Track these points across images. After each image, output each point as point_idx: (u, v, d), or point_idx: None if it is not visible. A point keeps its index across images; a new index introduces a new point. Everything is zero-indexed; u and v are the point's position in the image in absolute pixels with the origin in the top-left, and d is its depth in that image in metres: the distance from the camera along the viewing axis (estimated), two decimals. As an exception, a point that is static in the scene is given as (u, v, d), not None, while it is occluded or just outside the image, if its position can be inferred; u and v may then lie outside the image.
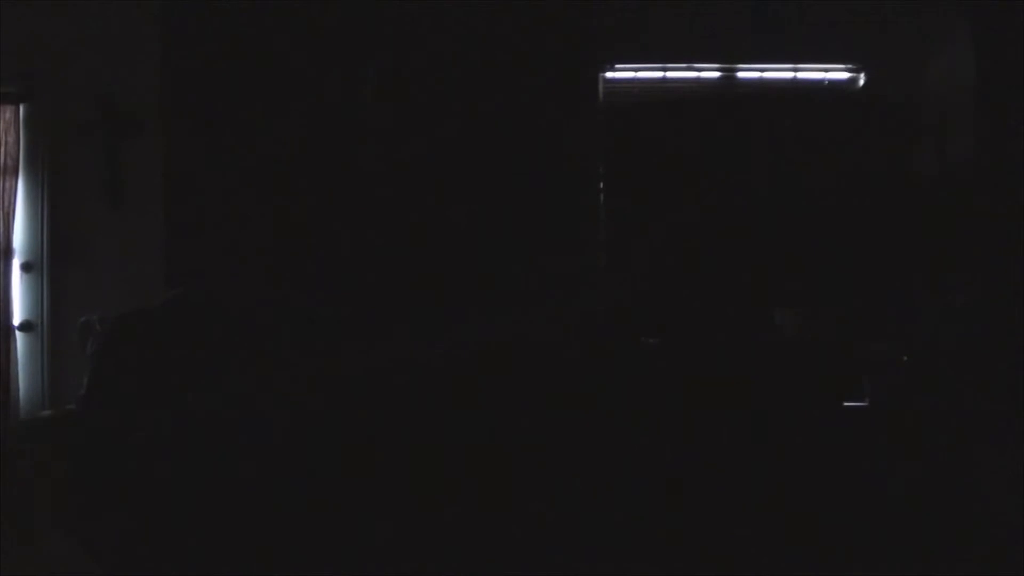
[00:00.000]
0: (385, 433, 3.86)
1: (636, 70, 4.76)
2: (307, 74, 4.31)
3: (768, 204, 4.67)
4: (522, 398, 3.90)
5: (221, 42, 4.30)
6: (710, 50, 4.70)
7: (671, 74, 4.77)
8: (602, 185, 4.63)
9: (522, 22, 4.45)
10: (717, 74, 4.77)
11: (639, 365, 4.04)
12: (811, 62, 4.76)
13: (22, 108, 4.47)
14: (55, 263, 4.47)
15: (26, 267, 4.47)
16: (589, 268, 4.52)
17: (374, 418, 3.85)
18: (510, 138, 4.41)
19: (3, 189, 4.44)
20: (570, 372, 3.98)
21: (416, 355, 4.18)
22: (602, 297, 4.40)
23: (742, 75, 4.77)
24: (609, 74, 4.69)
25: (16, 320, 4.45)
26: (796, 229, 4.67)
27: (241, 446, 2.82)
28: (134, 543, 2.70)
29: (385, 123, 4.38)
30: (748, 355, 4.06)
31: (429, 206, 4.33)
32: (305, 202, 4.31)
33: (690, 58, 4.73)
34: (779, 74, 4.78)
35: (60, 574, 3.16)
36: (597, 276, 4.52)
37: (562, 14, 4.48)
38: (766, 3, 4.61)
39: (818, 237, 4.65)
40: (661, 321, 4.41)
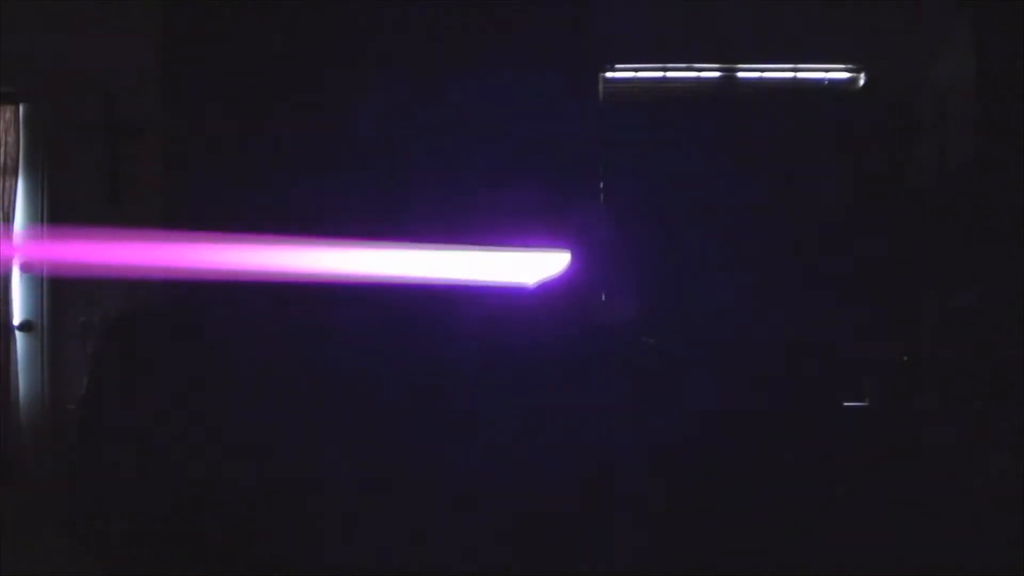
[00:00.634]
0: (384, 434, 3.86)
1: (636, 70, 4.76)
2: (307, 74, 4.31)
3: (768, 204, 4.67)
4: (522, 398, 3.89)
5: (221, 42, 4.30)
6: (710, 50, 4.70)
7: (671, 74, 4.77)
8: (601, 185, 4.63)
9: (522, 22, 4.45)
10: (717, 74, 4.77)
11: (639, 364, 4.04)
12: (811, 62, 4.76)
13: (22, 108, 4.47)
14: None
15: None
16: (589, 268, 4.51)
17: (373, 418, 3.85)
18: (509, 138, 4.41)
19: (3, 189, 4.44)
20: (570, 371, 3.97)
21: (416, 355, 4.18)
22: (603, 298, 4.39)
23: (742, 75, 4.77)
24: (609, 74, 4.69)
25: (16, 320, 4.45)
26: (796, 228, 4.67)
27: (240, 446, 2.82)
28: (135, 544, 2.70)
29: (383, 123, 4.38)
30: (748, 354, 4.06)
31: (428, 206, 4.33)
32: (305, 202, 4.30)
33: (690, 58, 4.73)
34: (779, 74, 4.78)
35: (60, 574, 3.16)
36: (597, 276, 4.51)
37: (562, 14, 4.48)
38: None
39: (818, 237, 4.65)
40: (661, 321, 4.41)
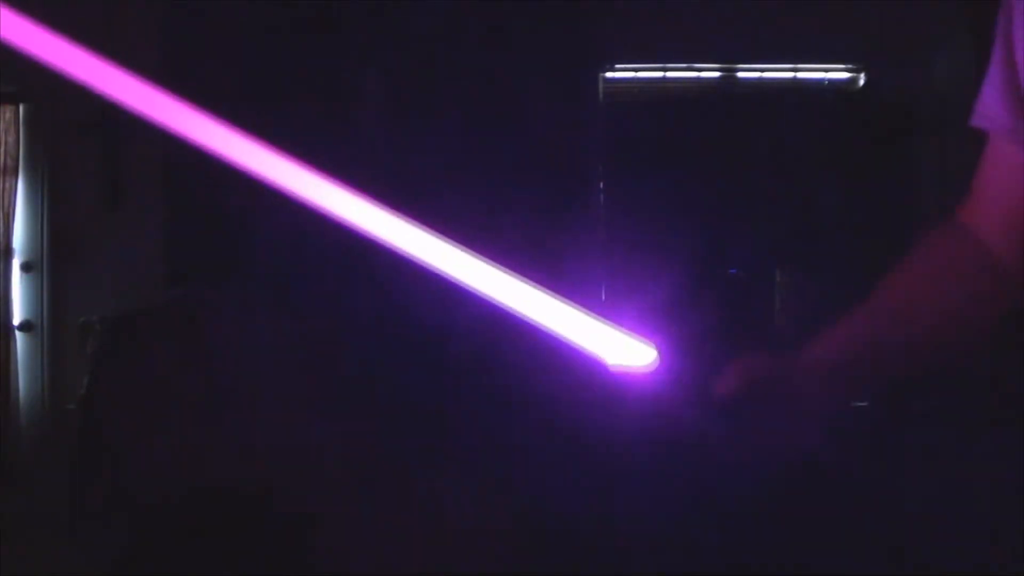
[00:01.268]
0: (382, 434, 3.86)
1: (636, 70, 4.77)
2: (308, 74, 4.31)
3: (768, 204, 4.67)
4: (521, 398, 3.89)
5: (221, 42, 4.30)
6: (710, 50, 4.70)
7: (671, 74, 4.78)
8: (602, 185, 4.64)
9: (522, 22, 4.45)
10: (717, 74, 4.77)
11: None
12: (811, 62, 4.76)
13: (22, 108, 4.47)
14: (55, 263, 4.47)
15: (26, 267, 4.47)
16: (589, 268, 4.51)
17: (372, 419, 3.85)
18: (509, 138, 4.41)
19: (3, 189, 4.44)
20: (570, 371, 3.97)
21: (415, 355, 4.18)
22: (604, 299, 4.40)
23: (742, 75, 4.77)
24: (609, 74, 4.70)
25: (16, 320, 4.45)
26: (796, 228, 4.67)
27: (240, 446, 2.82)
28: (135, 543, 2.70)
29: (384, 123, 4.38)
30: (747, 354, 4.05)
31: (428, 207, 4.33)
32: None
33: (690, 58, 4.73)
34: (779, 74, 4.79)
35: (60, 574, 3.17)
36: (597, 277, 4.52)
37: (562, 14, 4.48)
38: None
39: (817, 237, 4.65)
40: (661, 320, 4.40)
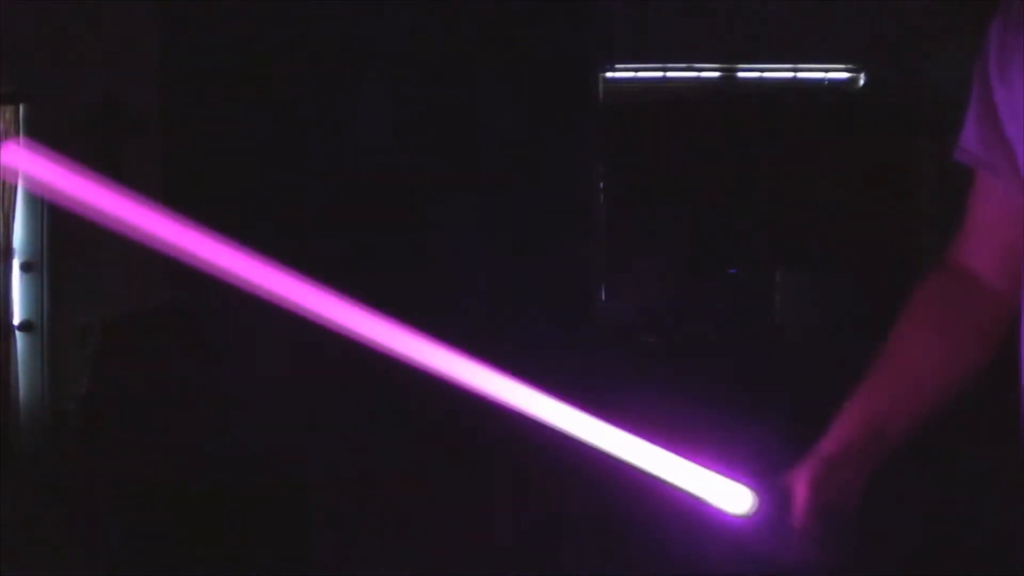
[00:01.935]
0: (381, 435, 3.86)
1: (636, 70, 4.76)
2: (306, 74, 4.31)
3: (768, 204, 4.67)
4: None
5: (220, 42, 4.30)
6: (710, 50, 4.70)
7: (671, 74, 4.78)
8: (602, 185, 4.64)
9: (522, 22, 4.45)
10: (717, 74, 4.77)
11: (639, 364, 4.04)
12: (811, 62, 4.76)
13: (22, 108, 4.47)
14: (55, 263, 4.46)
15: (26, 267, 4.47)
16: (590, 268, 4.52)
17: (371, 420, 3.85)
18: (510, 138, 4.41)
19: (3, 189, 4.44)
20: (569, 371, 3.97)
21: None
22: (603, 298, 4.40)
23: (742, 75, 4.77)
24: (609, 74, 4.70)
25: (16, 320, 4.45)
26: (796, 229, 4.68)
27: (240, 446, 2.82)
28: (134, 543, 2.71)
29: (384, 123, 4.38)
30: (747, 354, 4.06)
31: (428, 207, 4.33)
32: (304, 202, 4.31)
33: (690, 58, 4.73)
34: (779, 74, 4.78)
35: (60, 574, 3.16)
36: (598, 276, 4.52)
37: (562, 14, 4.48)
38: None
39: (817, 237, 4.65)
40: (661, 320, 4.41)
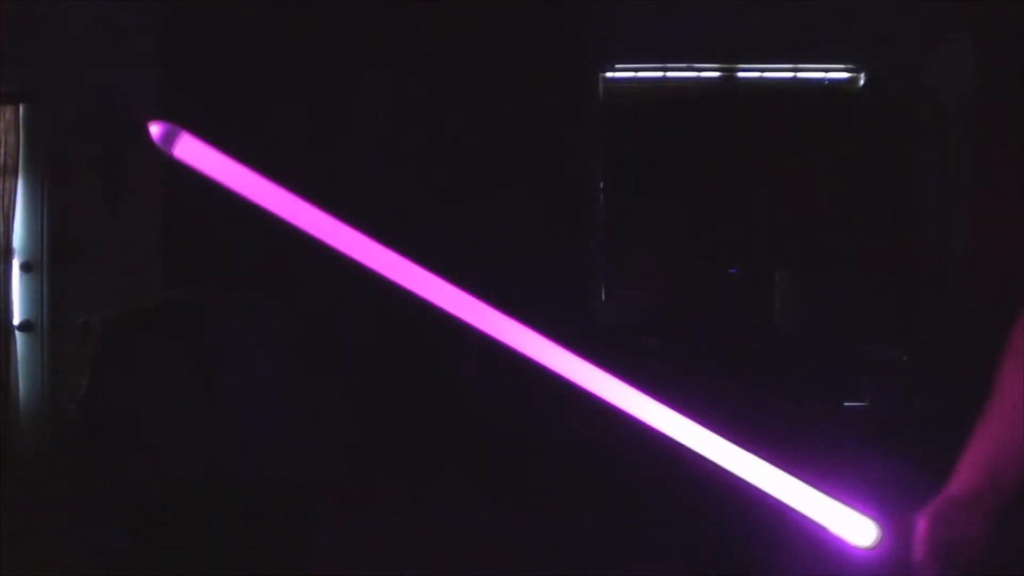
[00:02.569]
0: (383, 434, 3.86)
1: (636, 70, 4.76)
2: (306, 76, 4.31)
3: (768, 204, 4.67)
4: (522, 398, 3.89)
5: (221, 43, 4.30)
6: (710, 50, 4.70)
7: (671, 74, 4.77)
8: (602, 185, 4.64)
9: (522, 22, 4.45)
10: (717, 74, 4.77)
11: (639, 364, 4.04)
12: (811, 62, 4.76)
13: (22, 108, 4.46)
14: (55, 263, 4.46)
15: (26, 267, 4.47)
16: (590, 268, 4.52)
17: (372, 420, 3.85)
18: (510, 138, 4.41)
19: (3, 189, 4.43)
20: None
21: (415, 356, 4.18)
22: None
23: (742, 75, 4.77)
24: (609, 74, 4.69)
25: (16, 320, 4.45)
26: (796, 228, 4.67)
27: (242, 447, 2.82)
28: (134, 543, 2.70)
29: (385, 123, 4.38)
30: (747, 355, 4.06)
31: (429, 207, 4.33)
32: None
33: (690, 58, 4.73)
34: (779, 74, 4.78)
35: (60, 574, 3.16)
36: (598, 276, 4.52)
37: (562, 14, 4.48)
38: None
39: (818, 236, 4.65)
40: (661, 321, 4.40)
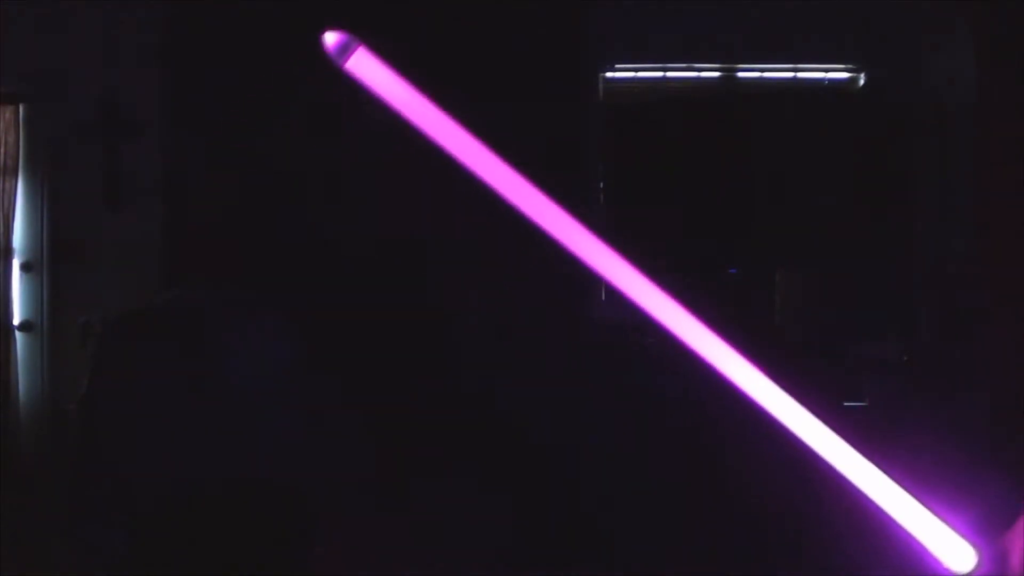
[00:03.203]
0: (385, 433, 3.86)
1: (636, 70, 4.76)
2: (306, 76, 4.30)
3: (768, 204, 4.67)
4: (522, 397, 3.89)
5: (221, 43, 4.30)
6: (710, 50, 4.70)
7: (671, 74, 4.77)
8: (602, 185, 4.63)
9: (522, 22, 4.45)
10: (717, 74, 4.77)
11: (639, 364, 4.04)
12: (811, 62, 4.76)
13: (22, 108, 4.47)
14: (55, 263, 4.46)
15: (26, 267, 4.47)
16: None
17: (373, 420, 3.84)
18: (510, 138, 4.40)
19: (3, 189, 4.44)
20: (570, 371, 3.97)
21: (416, 356, 4.18)
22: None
23: (742, 75, 4.77)
24: (609, 74, 4.69)
25: (16, 320, 4.45)
26: (796, 228, 4.67)
27: (242, 447, 2.82)
28: (134, 543, 2.70)
29: (384, 123, 4.37)
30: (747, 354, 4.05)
31: (428, 207, 4.33)
32: (304, 203, 4.31)
33: (690, 58, 4.73)
34: (779, 74, 4.78)
35: (60, 575, 3.16)
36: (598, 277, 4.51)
37: (562, 14, 4.48)
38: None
39: (818, 236, 4.65)
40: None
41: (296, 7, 4.33)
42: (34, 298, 4.49)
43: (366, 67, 0.95)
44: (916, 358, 4.45)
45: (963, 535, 1.03)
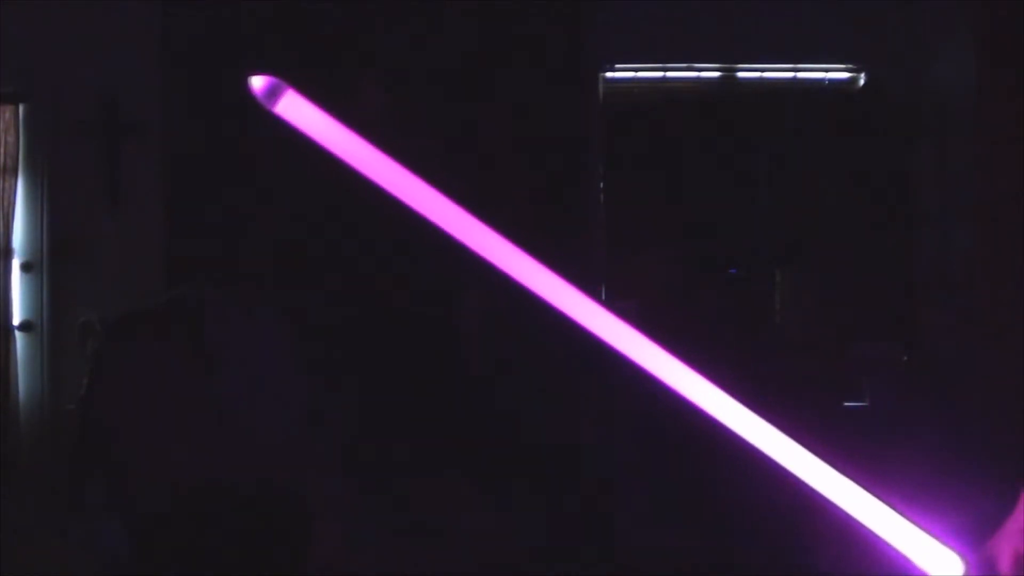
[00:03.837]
0: (386, 433, 3.86)
1: (636, 70, 4.76)
2: (306, 75, 4.31)
3: (768, 204, 4.67)
4: (523, 395, 3.89)
5: (221, 43, 4.30)
6: (710, 50, 4.70)
7: (671, 74, 4.77)
8: (602, 185, 4.63)
9: (522, 22, 4.45)
10: (717, 74, 4.77)
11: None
12: (811, 62, 4.76)
13: (22, 108, 4.46)
14: (55, 263, 4.46)
15: (26, 267, 4.47)
16: (590, 268, 4.51)
17: (374, 419, 3.85)
18: (509, 138, 4.41)
19: (3, 189, 4.43)
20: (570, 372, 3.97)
21: (417, 356, 4.18)
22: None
23: (742, 75, 4.76)
24: (609, 74, 4.69)
25: (16, 320, 4.45)
26: (796, 228, 4.67)
27: (243, 447, 2.82)
28: (134, 544, 2.70)
29: (384, 123, 4.37)
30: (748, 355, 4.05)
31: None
32: (304, 203, 4.30)
33: (690, 58, 4.73)
34: (779, 74, 4.78)
35: (60, 574, 3.16)
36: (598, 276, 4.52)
37: (562, 14, 4.48)
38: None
39: (818, 236, 4.65)
40: (661, 320, 4.40)
41: (296, 7, 4.33)
42: (34, 298, 4.48)
43: (296, 109, 0.94)
44: (916, 358, 4.45)
45: (950, 543, 1.03)
